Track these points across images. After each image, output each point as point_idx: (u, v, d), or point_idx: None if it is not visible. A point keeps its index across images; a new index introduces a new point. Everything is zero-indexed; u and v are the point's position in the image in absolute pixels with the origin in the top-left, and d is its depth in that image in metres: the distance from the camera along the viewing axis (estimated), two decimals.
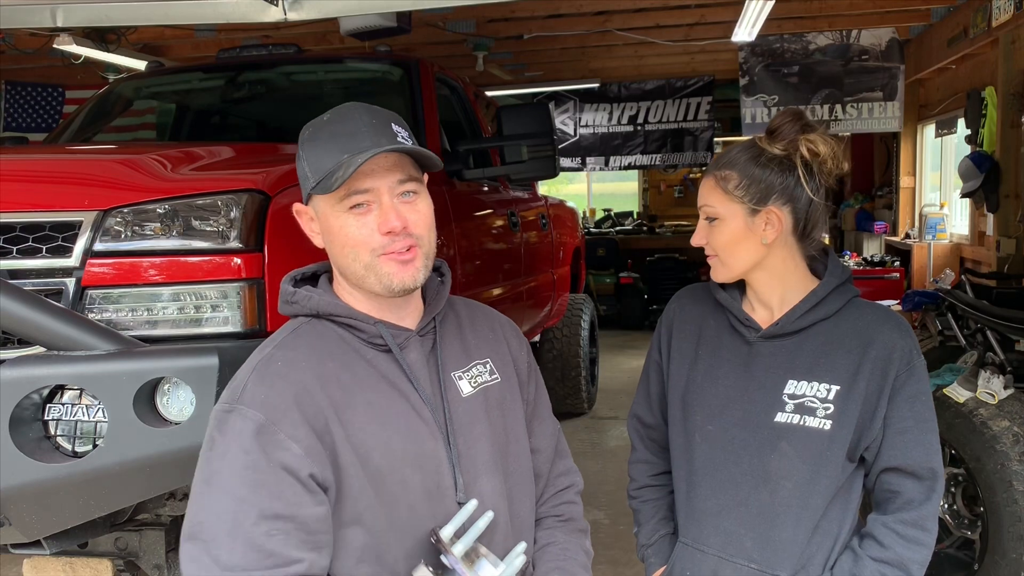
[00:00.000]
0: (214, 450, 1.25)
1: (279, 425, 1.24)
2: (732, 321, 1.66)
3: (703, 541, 1.64)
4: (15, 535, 1.99)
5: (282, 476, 1.22)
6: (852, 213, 9.60)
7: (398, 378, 1.36)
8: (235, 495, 1.21)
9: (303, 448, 1.24)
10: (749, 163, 1.58)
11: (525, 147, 3.40)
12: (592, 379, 6.25)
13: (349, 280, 1.38)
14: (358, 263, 1.34)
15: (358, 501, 1.29)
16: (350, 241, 1.33)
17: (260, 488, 1.21)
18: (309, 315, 1.39)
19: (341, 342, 1.36)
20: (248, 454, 1.22)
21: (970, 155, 6.07)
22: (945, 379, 3.17)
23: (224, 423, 1.25)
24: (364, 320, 1.36)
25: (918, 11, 6.32)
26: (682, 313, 1.76)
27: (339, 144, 1.32)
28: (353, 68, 4.05)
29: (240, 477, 1.22)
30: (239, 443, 1.23)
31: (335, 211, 1.34)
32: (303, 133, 1.39)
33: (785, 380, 1.58)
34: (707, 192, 1.61)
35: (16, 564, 2.64)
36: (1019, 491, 2.79)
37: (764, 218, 1.57)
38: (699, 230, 1.64)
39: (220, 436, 1.25)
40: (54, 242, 2.05)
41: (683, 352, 1.71)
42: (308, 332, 1.37)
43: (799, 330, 1.60)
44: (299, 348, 1.34)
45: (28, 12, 2.67)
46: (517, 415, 1.51)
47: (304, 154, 1.36)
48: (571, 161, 9.54)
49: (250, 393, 1.27)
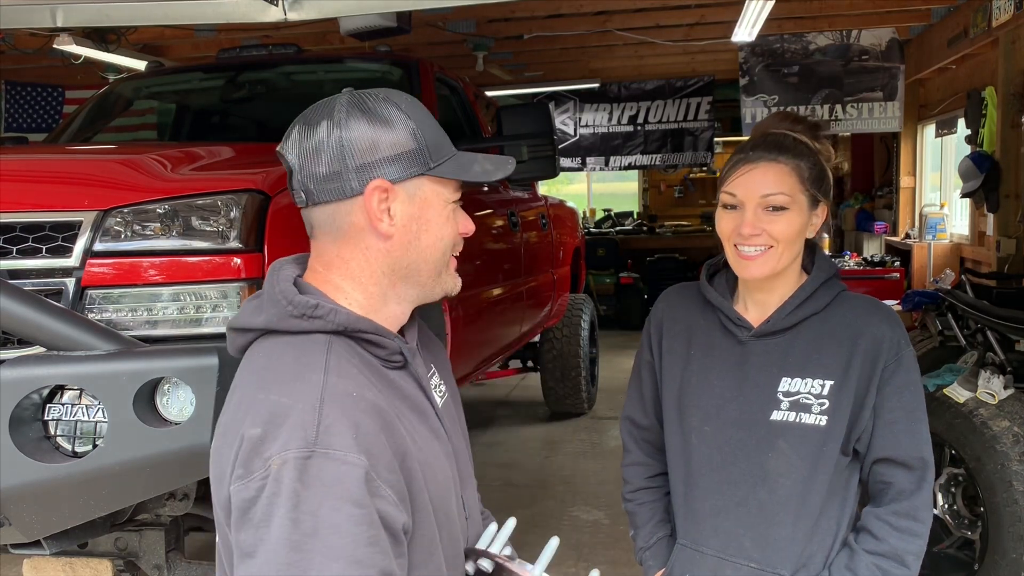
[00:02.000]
0: (300, 508, 0.99)
1: (377, 470, 1.04)
2: (723, 321, 1.65)
3: (702, 542, 1.64)
4: (15, 535, 1.99)
5: (383, 529, 1.04)
6: (852, 213, 9.59)
7: (415, 397, 1.23)
8: (352, 559, 0.99)
9: (395, 493, 1.06)
10: (812, 155, 1.57)
11: (525, 147, 3.40)
12: (592, 379, 6.25)
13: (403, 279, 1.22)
14: (442, 262, 1.24)
15: (430, 541, 1.14)
16: (448, 236, 1.23)
17: (376, 546, 1.01)
18: (331, 332, 1.15)
19: (364, 363, 1.16)
20: (360, 508, 1.01)
21: (970, 155, 6.06)
22: (945, 379, 3.17)
23: (306, 472, 1.00)
24: (386, 335, 1.20)
25: (918, 11, 6.32)
26: (671, 312, 1.74)
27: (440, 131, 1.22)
28: (353, 68, 4.05)
29: (353, 537, 1.00)
30: (346, 496, 1.00)
31: (444, 201, 1.22)
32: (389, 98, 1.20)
33: (779, 378, 1.58)
34: (779, 179, 1.53)
35: (16, 564, 2.64)
36: (1019, 491, 2.79)
37: (818, 212, 1.59)
38: (753, 217, 1.53)
39: (309, 490, 1.00)
40: (54, 242, 2.05)
41: (675, 352, 1.70)
42: (344, 353, 1.14)
43: (790, 327, 1.60)
44: (352, 374, 1.11)
45: (28, 12, 2.67)
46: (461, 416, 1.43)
47: (410, 123, 1.18)
48: (571, 161, 9.54)
49: (334, 432, 1.03)
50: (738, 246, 1.56)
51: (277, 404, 1.05)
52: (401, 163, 1.17)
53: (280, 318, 1.15)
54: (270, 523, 1.00)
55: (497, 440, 5.69)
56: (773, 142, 1.57)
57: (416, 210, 1.19)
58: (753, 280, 1.60)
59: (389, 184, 1.17)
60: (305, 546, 0.98)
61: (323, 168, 1.16)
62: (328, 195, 1.17)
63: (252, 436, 1.04)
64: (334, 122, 1.16)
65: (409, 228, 1.19)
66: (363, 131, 1.16)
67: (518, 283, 4.50)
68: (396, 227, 1.18)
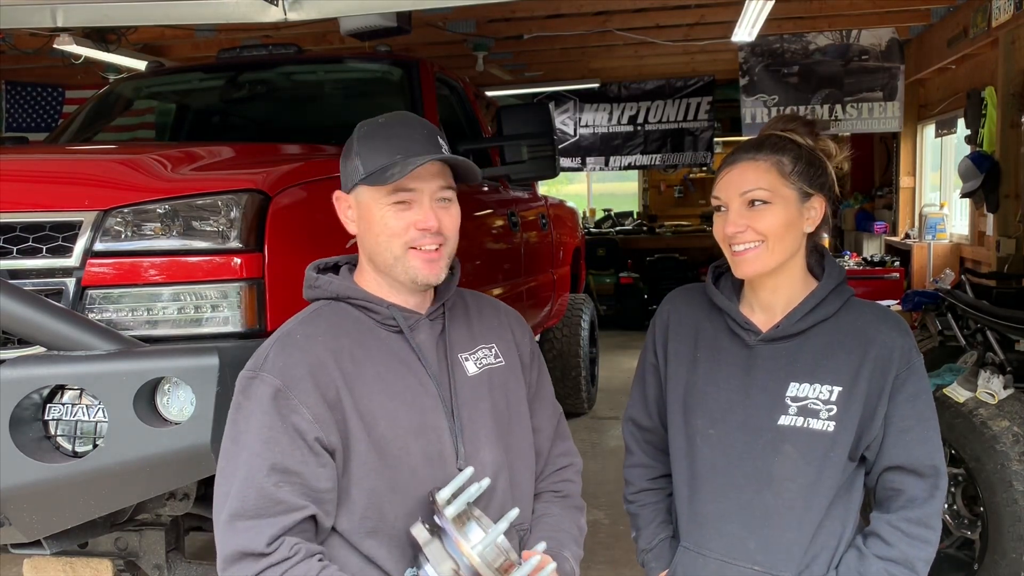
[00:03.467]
0: (239, 411, 1.43)
1: (293, 391, 1.40)
2: (730, 324, 1.65)
3: (705, 545, 1.64)
4: (15, 535, 1.99)
5: (293, 436, 1.38)
6: (852, 213, 9.59)
7: (407, 355, 1.51)
8: (252, 450, 1.38)
9: (312, 414, 1.40)
10: (800, 150, 1.59)
11: (525, 147, 3.40)
12: (592, 379, 6.25)
13: (377, 267, 1.52)
14: (389, 252, 1.49)
15: (364, 464, 1.44)
16: (387, 231, 1.48)
17: (273, 444, 1.38)
18: (329, 298, 1.54)
19: (357, 322, 1.51)
20: (265, 415, 1.39)
21: (970, 155, 6.06)
22: (945, 379, 3.17)
23: (248, 388, 1.43)
24: (378, 303, 1.51)
25: (918, 11, 6.33)
26: (677, 315, 1.74)
27: (394, 145, 1.48)
28: (353, 68, 4.05)
29: (257, 434, 1.38)
30: (259, 405, 1.40)
31: (379, 203, 1.49)
32: (359, 130, 1.54)
33: (787, 383, 1.58)
34: (756, 175, 1.56)
35: (16, 564, 2.64)
36: (1019, 491, 2.79)
37: (812, 205, 1.59)
38: (736, 216, 1.57)
39: (244, 399, 1.42)
40: (54, 242, 2.05)
41: (680, 355, 1.70)
42: (327, 312, 1.52)
43: (799, 332, 1.60)
44: (317, 325, 1.50)
45: (28, 12, 2.67)
46: (519, 396, 1.64)
47: (358, 148, 1.51)
48: (571, 161, 9.54)
49: (271, 362, 1.43)
50: (732, 246, 1.58)
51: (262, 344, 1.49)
52: (347, 177, 1.54)
53: (305, 289, 1.58)
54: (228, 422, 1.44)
55: None
56: (754, 142, 1.61)
57: (363, 212, 1.52)
58: (751, 278, 1.61)
59: (342, 194, 1.56)
60: (237, 439, 1.41)
61: None
62: None
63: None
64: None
65: (361, 227, 1.53)
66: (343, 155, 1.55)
67: (518, 283, 4.50)
68: (357, 226, 1.54)
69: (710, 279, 1.73)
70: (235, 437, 1.42)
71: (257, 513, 1.35)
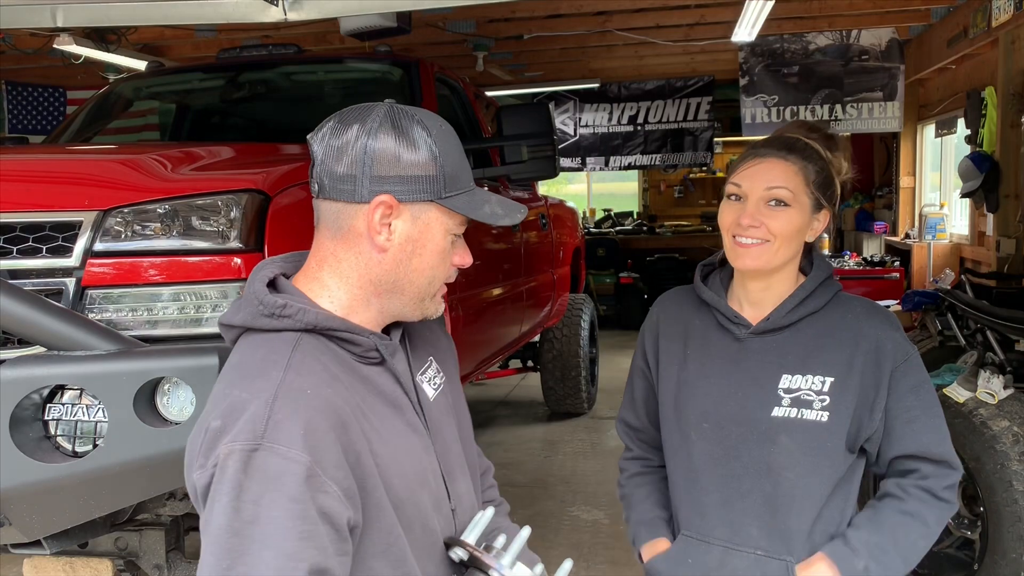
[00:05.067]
0: (243, 497, 1.04)
1: (323, 466, 1.08)
2: (719, 319, 1.66)
3: (708, 532, 1.64)
4: (15, 535, 1.99)
5: (328, 525, 1.08)
6: (852, 213, 9.59)
7: (393, 392, 1.27)
8: (283, 551, 1.04)
9: (342, 490, 1.10)
10: (823, 163, 1.60)
11: (525, 147, 3.40)
12: (592, 379, 6.25)
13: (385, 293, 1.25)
14: (429, 288, 1.28)
15: (388, 533, 1.18)
16: (442, 265, 1.27)
17: (309, 541, 1.05)
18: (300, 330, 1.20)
19: (337, 359, 1.21)
20: (297, 503, 1.05)
21: (970, 155, 6.06)
22: (945, 379, 3.17)
23: (250, 464, 1.05)
24: (361, 333, 1.24)
25: (918, 11, 6.32)
26: (667, 316, 1.76)
27: (466, 166, 1.29)
28: (353, 68, 4.05)
29: (287, 530, 1.04)
30: (284, 490, 1.05)
31: (447, 231, 1.26)
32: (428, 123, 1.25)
33: (779, 375, 1.59)
34: (785, 176, 1.57)
35: (16, 564, 2.65)
36: (1019, 491, 2.79)
37: (820, 217, 1.61)
38: (754, 208, 1.56)
39: (250, 480, 1.05)
40: (54, 242, 2.05)
41: (671, 354, 1.71)
42: (312, 351, 1.19)
43: (789, 324, 1.61)
44: (315, 371, 1.16)
45: (28, 12, 2.67)
46: (463, 409, 1.49)
47: (435, 150, 1.22)
48: (571, 161, 9.54)
49: (282, 428, 1.07)
50: (736, 236, 1.58)
51: (237, 399, 1.12)
52: (414, 185, 1.21)
53: (254, 317, 1.22)
54: (214, 508, 1.06)
55: (497, 440, 5.69)
56: (784, 142, 1.61)
57: (416, 232, 1.24)
58: (749, 273, 1.62)
59: (395, 202, 1.21)
60: (243, 532, 1.04)
61: (342, 168, 1.20)
62: (339, 194, 1.21)
63: (213, 428, 1.10)
64: (365, 129, 1.20)
65: (404, 248, 1.24)
66: (388, 145, 1.20)
67: (518, 283, 4.50)
68: (392, 243, 1.23)
69: (698, 277, 1.74)
70: (240, 531, 1.04)
71: None
